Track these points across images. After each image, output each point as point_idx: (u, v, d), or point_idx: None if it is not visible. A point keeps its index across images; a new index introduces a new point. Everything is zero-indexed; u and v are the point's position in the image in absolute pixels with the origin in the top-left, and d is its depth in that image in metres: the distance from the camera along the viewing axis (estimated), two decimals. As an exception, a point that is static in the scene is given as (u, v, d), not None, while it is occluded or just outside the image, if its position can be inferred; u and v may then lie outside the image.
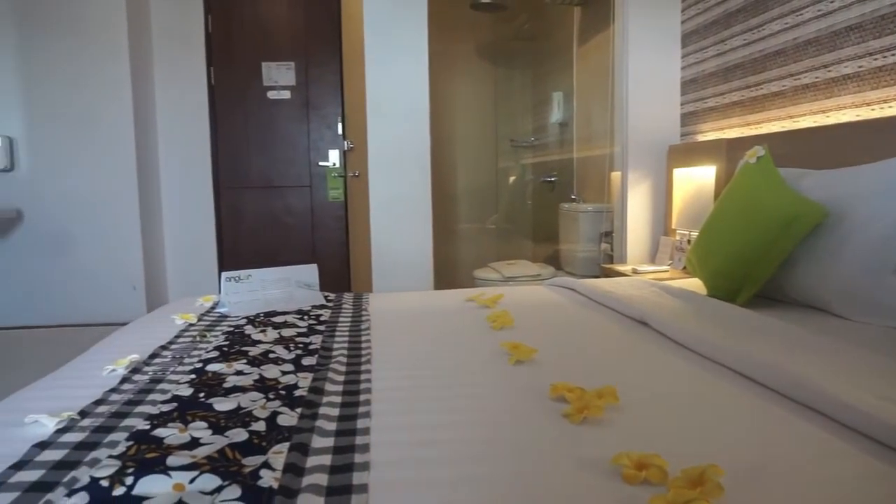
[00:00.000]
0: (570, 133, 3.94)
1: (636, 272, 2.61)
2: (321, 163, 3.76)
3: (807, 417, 0.94)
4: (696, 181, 2.69)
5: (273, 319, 1.62)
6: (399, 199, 2.98)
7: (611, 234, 3.17)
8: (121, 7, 3.27)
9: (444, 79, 4.29)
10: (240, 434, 0.88)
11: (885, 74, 1.82)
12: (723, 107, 2.64)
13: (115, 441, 0.89)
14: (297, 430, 0.91)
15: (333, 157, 3.75)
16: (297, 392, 1.07)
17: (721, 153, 2.47)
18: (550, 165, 4.31)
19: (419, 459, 0.83)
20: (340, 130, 3.74)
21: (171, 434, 0.88)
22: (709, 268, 1.87)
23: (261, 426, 0.91)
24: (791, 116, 2.23)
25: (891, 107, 1.80)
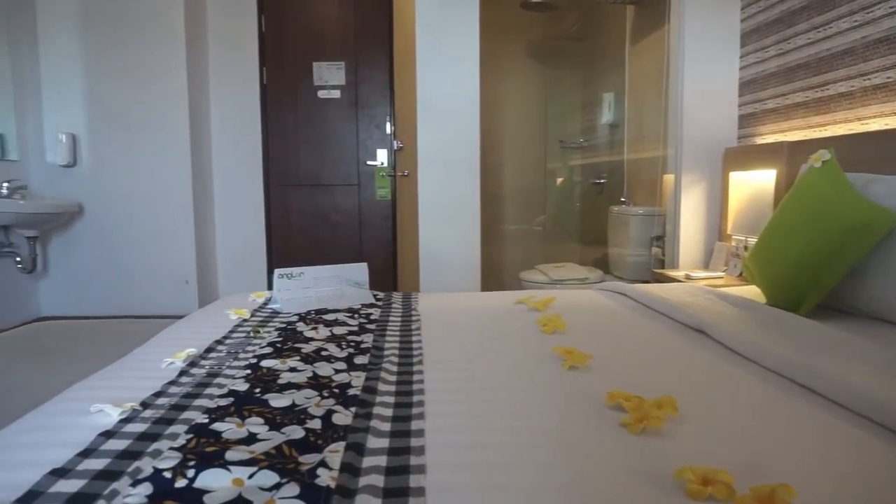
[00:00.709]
0: (621, 135, 3.87)
1: (689, 278, 2.55)
2: (369, 162, 3.78)
3: (886, 438, 0.89)
4: (754, 185, 2.60)
5: (324, 317, 1.64)
6: (447, 200, 2.98)
7: (662, 239, 3.10)
8: (179, 8, 3.37)
9: (494, 79, 4.27)
10: (296, 431, 0.89)
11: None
12: (784, 108, 2.55)
13: (176, 433, 0.91)
14: (353, 430, 0.91)
15: (381, 157, 3.77)
16: (351, 391, 1.07)
17: (782, 156, 2.38)
18: (600, 167, 4.24)
19: (474, 464, 0.82)
20: (389, 130, 3.76)
21: (229, 428, 0.89)
22: (769, 275, 1.80)
23: (316, 424, 0.91)
24: (859, 118, 2.13)
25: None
